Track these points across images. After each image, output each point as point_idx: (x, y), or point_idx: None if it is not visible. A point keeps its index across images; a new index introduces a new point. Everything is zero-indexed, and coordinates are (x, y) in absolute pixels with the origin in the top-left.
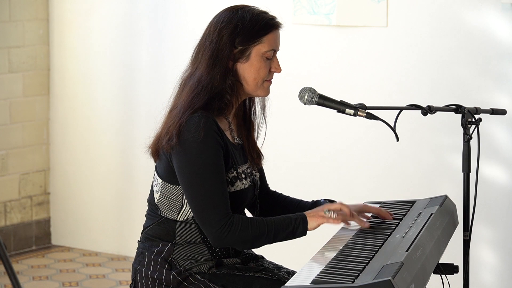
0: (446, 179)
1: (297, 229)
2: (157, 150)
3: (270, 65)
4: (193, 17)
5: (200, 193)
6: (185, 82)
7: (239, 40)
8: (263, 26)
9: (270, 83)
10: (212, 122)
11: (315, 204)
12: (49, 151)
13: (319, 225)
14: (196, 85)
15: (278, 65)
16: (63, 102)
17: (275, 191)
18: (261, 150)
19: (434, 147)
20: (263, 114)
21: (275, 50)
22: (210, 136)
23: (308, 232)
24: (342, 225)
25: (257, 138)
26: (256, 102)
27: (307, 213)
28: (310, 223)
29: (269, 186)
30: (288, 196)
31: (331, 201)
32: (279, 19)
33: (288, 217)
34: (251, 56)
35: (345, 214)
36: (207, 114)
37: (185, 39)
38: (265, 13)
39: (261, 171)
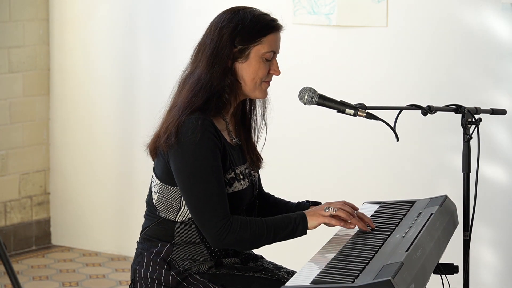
0: (446, 179)
1: (297, 228)
2: (156, 148)
3: (269, 67)
4: (193, 17)
5: (198, 195)
6: (184, 81)
7: (239, 39)
8: (264, 26)
9: (269, 84)
10: (209, 124)
11: (299, 205)
12: (49, 151)
13: (319, 224)
14: (195, 84)
15: (277, 68)
16: (63, 102)
17: (268, 192)
18: (261, 153)
19: (434, 147)
20: (264, 118)
21: (274, 52)
22: (207, 138)
23: (308, 231)
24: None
25: (257, 142)
26: (257, 106)
27: (307, 212)
28: (310, 222)
29: (263, 187)
30: (277, 197)
31: (316, 203)
32: (280, 21)
33: (288, 216)
34: (250, 56)
35: (346, 211)
36: (204, 116)
37: (185, 38)
38: (266, 14)
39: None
